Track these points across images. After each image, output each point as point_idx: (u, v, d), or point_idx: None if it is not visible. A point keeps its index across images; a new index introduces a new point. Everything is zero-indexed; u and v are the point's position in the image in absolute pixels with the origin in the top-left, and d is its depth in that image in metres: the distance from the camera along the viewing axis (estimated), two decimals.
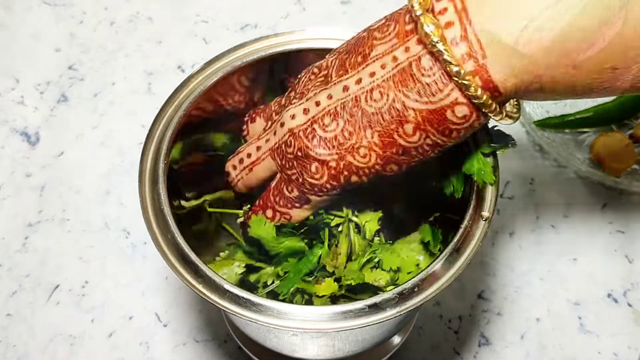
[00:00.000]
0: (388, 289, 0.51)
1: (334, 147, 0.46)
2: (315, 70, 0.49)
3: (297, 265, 0.52)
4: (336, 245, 0.54)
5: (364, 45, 0.45)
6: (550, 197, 0.75)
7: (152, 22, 0.88)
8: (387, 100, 0.44)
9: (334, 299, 0.52)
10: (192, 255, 0.47)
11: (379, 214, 0.55)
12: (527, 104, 0.79)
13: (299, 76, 0.51)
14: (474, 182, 0.50)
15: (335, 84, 0.46)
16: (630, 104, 0.78)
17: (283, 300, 0.50)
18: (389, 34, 0.44)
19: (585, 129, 0.79)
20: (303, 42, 0.56)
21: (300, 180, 0.49)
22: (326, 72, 0.47)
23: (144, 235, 0.72)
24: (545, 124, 0.78)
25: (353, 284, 0.51)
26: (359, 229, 0.56)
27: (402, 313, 0.45)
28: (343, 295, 0.52)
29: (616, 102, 0.78)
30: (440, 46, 0.40)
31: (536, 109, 0.79)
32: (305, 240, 0.53)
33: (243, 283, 0.54)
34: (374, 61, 0.44)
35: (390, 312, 0.45)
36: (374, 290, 0.52)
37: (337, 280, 0.52)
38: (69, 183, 0.76)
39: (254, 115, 0.56)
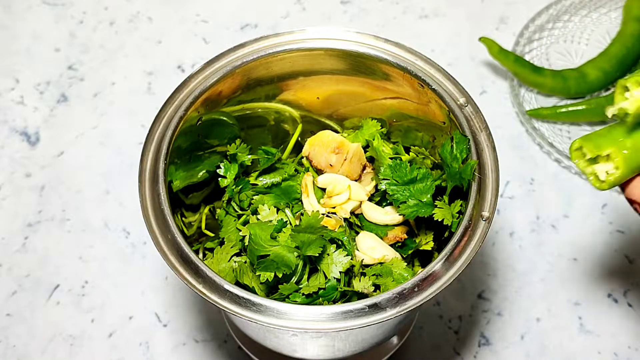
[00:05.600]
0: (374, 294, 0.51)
1: None
2: None
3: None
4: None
5: None
6: (550, 197, 0.75)
7: (152, 22, 0.88)
8: None
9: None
10: (192, 255, 0.47)
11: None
12: (522, 99, 0.79)
13: None
14: (473, 182, 0.50)
15: None
16: None
17: (282, 300, 0.50)
18: None
19: (585, 128, 0.79)
20: (303, 42, 0.56)
21: None
22: None
23: (144, 235, 0.72)
24: (537, 113, 0.78)
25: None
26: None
27: (402, 313, 0.45)
28: None
29: (609, 96, 0.78)
30: None
31: (531, 101, 0.80)
32: (298, 255, 0.51)
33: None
34: None
35: (390, 312, 0.45)
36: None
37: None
38: (69, 183, 0.76)
39: None
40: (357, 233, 0.56)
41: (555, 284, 0.70)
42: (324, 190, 0.57)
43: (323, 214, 0.56)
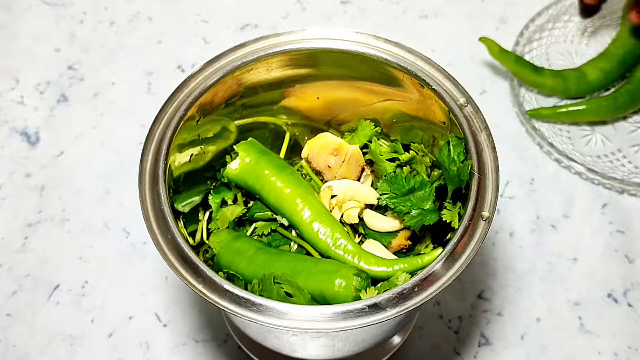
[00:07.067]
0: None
1: None
2: None
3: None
4: None
5: None
6: (550, 197, 0.75)
7: (152, 22, 0.88)
8: None
9: None
10: (192, 255, 0.47)
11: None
12: (521, 98, 0.79)
13: None
14: (472, 183, 0.50)
15: None
16: (623, 99, 0.77)
17: (284, 301, 0.50)
18: None
19: (585, 128, 0.79)
20: (303, 42, 0.56)
21: None
22: None
23: (144, 235, 0.72)
24: (537, 113, 0.78)
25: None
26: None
27: (402, 313, 0.45)
28: None
29: (609, 96, 0.78)
30: None
31: (531, 101, 0.80)
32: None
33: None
34: None
35: (390, 312, 0.45)
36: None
37: None
38: (69, 183, 0.76)
39: None
40: (362, 242, 0.56)
41: (555, 284, 0.70)
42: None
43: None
